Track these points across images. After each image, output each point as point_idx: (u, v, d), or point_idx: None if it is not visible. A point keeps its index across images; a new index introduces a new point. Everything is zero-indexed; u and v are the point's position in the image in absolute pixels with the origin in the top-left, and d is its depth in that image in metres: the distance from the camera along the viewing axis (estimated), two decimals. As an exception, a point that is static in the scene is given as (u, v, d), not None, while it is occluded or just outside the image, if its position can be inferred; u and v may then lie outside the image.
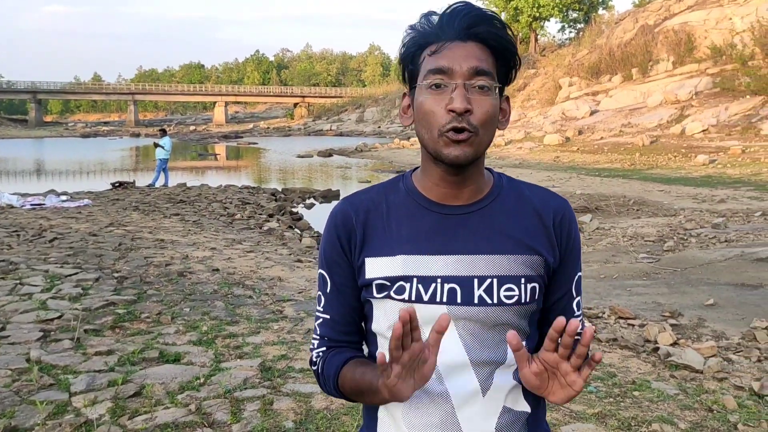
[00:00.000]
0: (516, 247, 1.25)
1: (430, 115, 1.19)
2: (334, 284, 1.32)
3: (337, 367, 1.27)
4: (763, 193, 16.11)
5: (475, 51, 1.18)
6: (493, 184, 1.31)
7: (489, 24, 1.19)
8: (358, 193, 1.36)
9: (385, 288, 1.25)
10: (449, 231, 1.25)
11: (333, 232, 1.31)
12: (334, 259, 1.31)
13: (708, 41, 34.70)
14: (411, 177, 1.33)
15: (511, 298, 1.22)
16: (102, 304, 5.72)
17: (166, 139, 19.10)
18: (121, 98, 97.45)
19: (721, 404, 3.86)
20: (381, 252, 1.26)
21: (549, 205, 1.30)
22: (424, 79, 1.19)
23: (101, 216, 11.94)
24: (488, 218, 1.26)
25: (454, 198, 1.27)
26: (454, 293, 1.22)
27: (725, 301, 6.66)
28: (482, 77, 1.17)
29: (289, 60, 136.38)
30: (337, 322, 1.33)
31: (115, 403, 3.65)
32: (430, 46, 1.20)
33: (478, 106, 1.17)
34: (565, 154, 28.62)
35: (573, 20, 63.84)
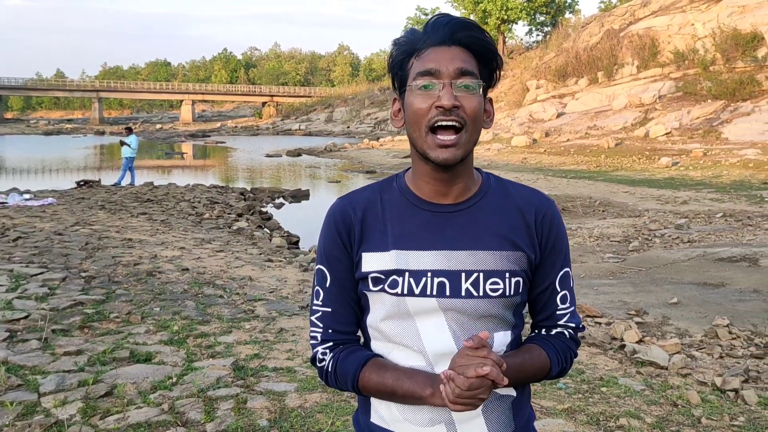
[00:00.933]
0: (501, 243, 1.33)
1: (418, 114, 1.27)
2: (335, 278, 1.39)
3: (356, 368, 1.35)
4: (724, 194, 16.54)
5: (459, 54, 1.27)
6: (481, 183, 1.39)
7: (470, 30, 1.28)
8: (355, 192, 1.43)
9: (380, 281, 1.33)
10: (439, 228, 1.33)
11: (333, 228, 1.38)
12: (335, 254, 1.38)
13: (671, 46, 35.42)
14: (403, 177, 1.41)
15: (496, 291, 1.31)
16: (70, 303, 5.64)
17: (132, 137, 18.84)
18: (85, 95, 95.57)
19: (685, 399, 3.97)
20: (376, 247, 1.34)
21: (532, 204, 1.38)
22: (413, 81, 1.28)
23: (66, 215, 11.73)
24: (475, 216, 1.34)
25: (443, 196, 1.35)
26: (443, 286, 1.30)
27: (688, 300, 6.83)
28: (467, 77, 1.26)
29: (257, 59, 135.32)
30: (338, 313, 1.40)
31: (86, 403, 3.61)
32: (417, 52, 1.29)
33: (465, 102, 1.26)
34: (533, 156, 28.96)
35: (540, 23, 64.59)
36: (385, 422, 1.38)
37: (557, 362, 1.40)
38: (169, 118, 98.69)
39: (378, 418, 1.40)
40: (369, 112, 64.98)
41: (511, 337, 1.38)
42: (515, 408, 1.39)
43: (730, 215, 12.86)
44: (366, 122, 63.10)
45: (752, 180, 19.27)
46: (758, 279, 7.52)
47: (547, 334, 1.45)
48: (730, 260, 8.49)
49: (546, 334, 1.45)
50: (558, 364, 1.41)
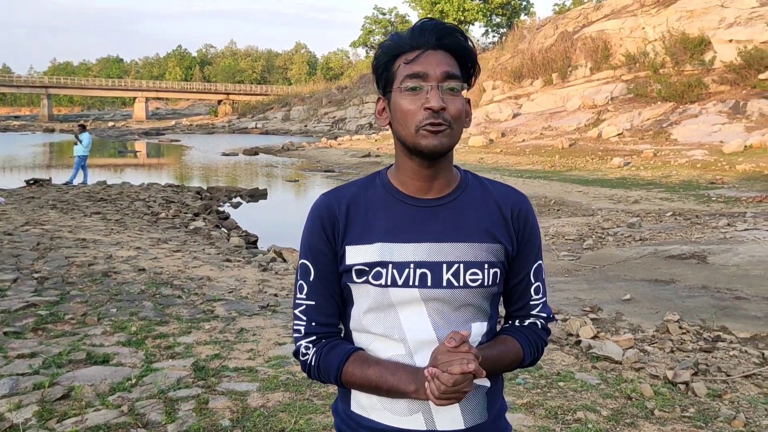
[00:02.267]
0: (480, 236, 1.41)
1: (408, 114, 1.34)
2: (319, 272, 1.44)
3: (339, 362, 1.40)
4: (673, 194, 17.03)
5: (445, 58, 1.35)
6: (460, 179, 1.47)
7: (455, 36, 1.36)
8: (338, 188, 1.48)
9: (363, 273, 1.38)
10: (421, 221, 1.40)
11: (318, 223, 1.43)
12: (319, 248, 1.43)
13: (623, 49, 36.26)
14: (386, 174, 1.47)
15: (475, 282, 1.39)
16: (22, 305, 5.50)
17: (85, 134, 18.41)
18: (33, 92, 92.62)
19: (639, 392, 4.10)
20: (361, 240, 1.39)
21: (509, 200, 1.46)
22: (402, 83, 1.35)
23: (16, 215, 11.40)
24: (456, 210, 1.42)
25: (426, 191, 1.41)
26: (425, 277, 1.37)
27: (640, 296, 7.03)
28: (453, 80, 1.35)
29: (212, 56, 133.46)
30: (322, 306, 1.45)
31: (41, 407, 3.54)
32: (403, 55, 1.36)
33: (451, 104, 1.34)
34: (489, 156, 29.30)
35: (496, 25, 65.39)
36: (365, 410, 1.43)
37: (530, 352, 1.48)
38: (121, 116, 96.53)
39: (357, 406, 1.45)
40: (327, 111, 64.76)
41: (487, 327, 1.44)
42: (489, 398, 1.45)
43: (680, 214, 13.25)
44: (324, 121, 62.88)
45: (700, 180, 19.88)
46: (706, 276, 7.78)
47: (520, 324, 1.52)
48: (680, 258, 8.76)
49: (519, 324, 1.52)
50: (530, 354, 1.48)
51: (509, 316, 1.55)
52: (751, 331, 5.82)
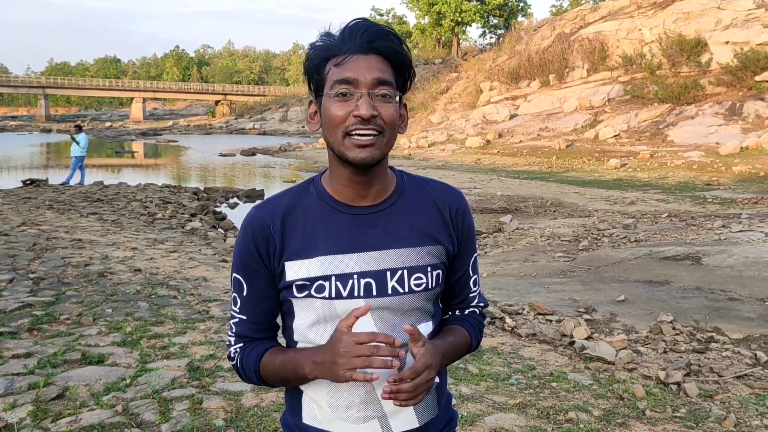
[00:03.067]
0: (421, 239, 1.39)
1: (336, 120, 1.29)
2: (252, 288, 1.40)
3: (256, 358, 1.39)
4: (669, 195, 17.08)
5: (377, 63, 1.29)
6: (396, 183, 1.43)
7: (388, 39, 1.30)
8: (271, 199, 1.43)
9: (305, 288, 1.35)
10: (361, 230, 1.36)
11: (250, 241, 1.37)
12: (252, 266, 1.38)
13: (620, 50, 36.36)
14: (320, 180, 1.42)
15: (420, 286, 1.38)
16: (17, 305, 5.51)
17: (81, 135, 18.42)
18: (30, 92, 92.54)
19: (630, 392, 4.13)
20: (299, 255, 1.34)
21: (446, 199, 1.45)
22: (331, 89, 1.29)
23: (12, 215, 11.41)
24: (394, 215, 1.39)
25: (362, 198, 1.38)
26: (370, 287, 1.34)
27: (635, 297, 7.05)
28: (384, 86, 1.29)
29: (210, 57, 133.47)
30: (253, 322, 1.42)
31: (36, 406, 3.56)
32: (334, 58, 1.30)
33: (383, 110, 1.29)
34: (486, 157, 29.35)
35: (494, 26, 65.53)
36: (318, 422, 1.40)
37: (475, 336, 1.51)
38: (119, 116, 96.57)
39: (311, 418, 1.42)
40: (324, 112, 64.71)
41: (432, 326, 1.44)
42: (438, 392, 1.46)
43: (675, 215, 13.29)
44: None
45: (696, 181, 19.95)
46: (700, 277, 7.81)
47: (461, 314, 1.54)
48: (674, 259, 8.79)
49: (460, 314, 1.54)
50: (475, 339, 1.51)
51: (449, 309, 1.55)
52: (744, 332, 5.85)
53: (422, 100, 48.28)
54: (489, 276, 8.46)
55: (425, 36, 65.15)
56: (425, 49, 64.72)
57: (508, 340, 5.41)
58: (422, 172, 24.84)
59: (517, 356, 4.94)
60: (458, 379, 4.26)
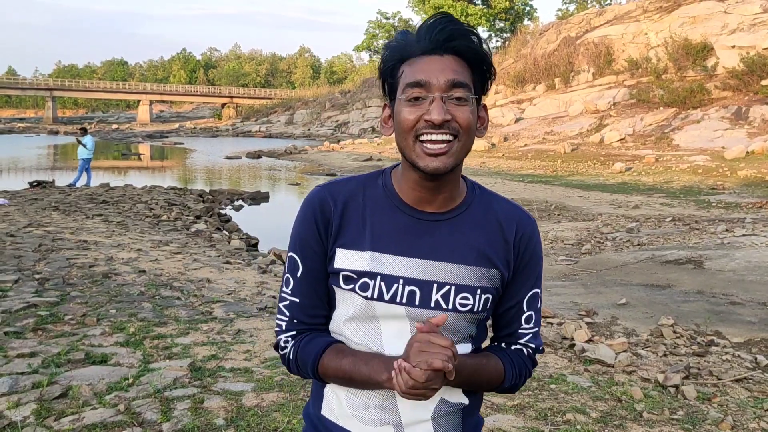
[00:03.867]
0: (476, 258, 1.31)
1: (406, 124, 1.23)
2: (306, 268, 1.35)
3: (316, 353, 1.33)
4: (674, 199, 17.06)
5: (451, 64, 1.23)
6: (466, 194, 1.36)
7: (467, 38, 1.23)
8: (337, 182, 1.38)
9: (351, 281, 1.31)
10: (418, 235, 1.31)
11: (311, 218, 1.33)
12: (310, 244, 1.34)
13: (625, 54, 36.35)
14: (390, 175, 1.37)
15: (465, 306, 1.30)
16: (23, 305, 5.57)
17: (88, 137, 18.51)
18: (38, 94, 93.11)
19: (629, 395, 4.15)
20: (352, 245, 1.31)
21: (513, 221, 1.36)
22: (403, 93, 1.24)
23: (19, 216, 11.49)
24: (456, 228, 1.32)
25: (427, 203, 1.32)
26: (414, 295, 1.29)
27: (636, 301, 7.07)
28: (459, 89, 1.22)
29: (217, 59, 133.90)
30: (306, 305, 1.37)
31: (40, 405, 3.60)
32: (408, 60, 1.24)
33: (458, 114, 1.22)
34: (491, 160, 29.38)
35: (500, 30, 65.51)
36: (335, 416, 1.37)
37: (512, 376, 1.39)
38: (125, 118, 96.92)
39: (329, 411, 1.39)
40: (330, 115, 64.90)
41: (471, 349, 1.38)
42: (465, 415, 1.39)
43: (679, 219, 13.29)
44: (327, 125, 63.02)
45: (701, 185, 19.92)
46: (702, 281, 7.82)
47: (506, 347, 1.43)
48: (677, 263, 8.80)
49: (505, 347, 1.43)
50: (512, 378, 1.39)
51: (495, 339, 1.46)
52: (745, 336, 5.86)
53: (428, 103, 48.24)
54: (491, 279, 8.48)
55: (431, 39, 65.18)
56: (431, 52, 64.75)
57: (509, 343, 5.43)
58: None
59: (517, 358, 4.96)
60: (457, 380, 4.28)
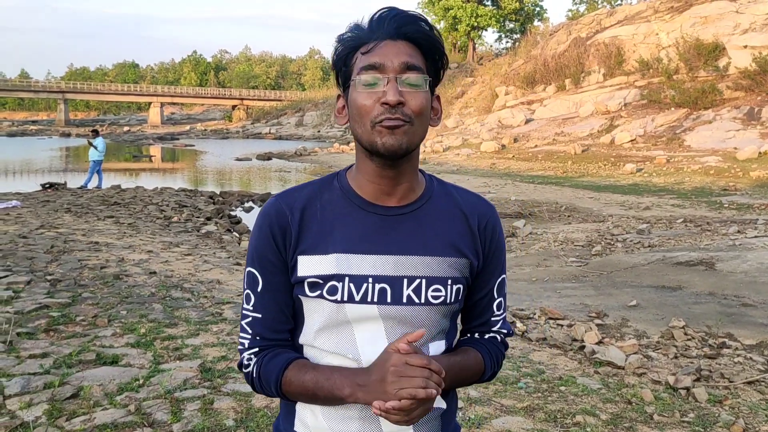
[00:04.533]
0: (444, 249, 1.30)
1: (363, 109, 1.22)
2: (267, 282, 1.31)
3: (278, 370, 1.28)
4: (685, 201, 16.96)
5: (405, 48, 1.23)
6: (426, 185, 1.35)
7: (417, 24, 1.24)
8: (292, 189, 1.36)
9: (317, 286, 1.27)
10: (382, 231, 1.28)
11: (267, 230, 1.30)
12: (268, 257, 1.30)
13: (636, 55, 36.19)
14: (345, 175, 1.35)
15: (437, 299, 1.28)
16: (35, 306, 5.61)
17: (99, 139, 18.64)
18: (50, 96, 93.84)
19: (639, 397, 4.13)
20: (314, 250, 1.28)
21: (476, 210, 1.36)
22: (358, 75, 1.23)
23: (31, 218, 11.59)
24: (420, 220, 1.31)
25: (387, 197, 1.30)
26: (385, 293, 1.26)
27: (647, 302, 7.04)
28: (413, 72, 1.22)
29: (227, 61, 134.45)
30: (268, 320, 1.32)
31: (51, 405, 3.63)
32: (362, 47, 1.25)
33: (411, 99, 1.22)
34: (501, 161, 29.32)
35: (510, 30, 65.42)
36: (309, 430, 1.32)
37: (491, 365, 1.40)
38: (137, 121, 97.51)
39: (302, 426, 1.33)
40: (340, 117, 64.90)
41: (445, 346, 1.36)
42: (444, 421, 1.36)
43: (690, 221, 13.21)
44: (337, 127, 63.05)
45: (713, 186, 19.80)
46: (713, 282, 7.77)
47: (480, 337, 1.43)
48: (688, 264, 8.75)
49: (479, 337, 1.43)
50: (491, 368, 1.40)
51: (468, 331, 1.45)
52: (757, 338, 5.82)
53: (437, 104, 48.22)
54: (501, 280, 8.46)
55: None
56: (441, 53, 64.74)
57: (519, 345, 5.42)
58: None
59: (526, 360, 4.96)
60: (467, 382, 4.28)
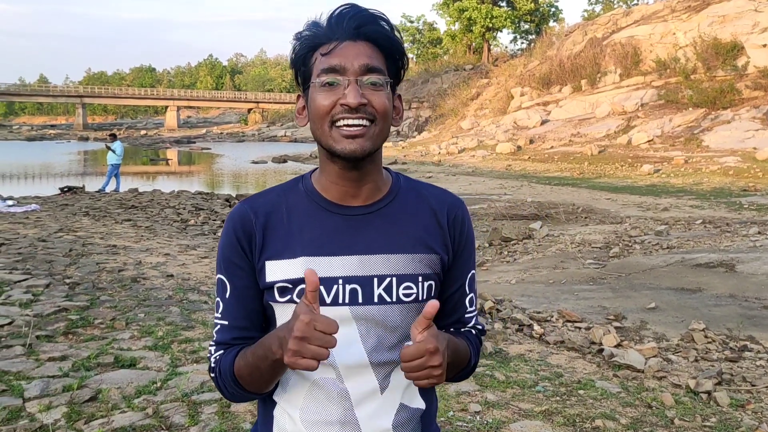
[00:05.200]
0: (414, 246, 1.28)
1: (321, 110, 1.20)
2: (235, 288, 1.29)
3: (231, 360, 1.26)
4: (704, 201, 16.78)
5: (365, 49, 1.21)
6: (392, 183, 1.33)
7: (377, 24, 1.22)
8: (257, 195, 1.34)
9: (287, 291, 1.25)
10: (349, 232, 1.27)
11: (232, 235, 1.28)
12: (235, 262, 1.28)
13: (653, 55, 35.89)
14: (310, 178, 1.34)
15: (409, 297, 1.27)
16: (54, 310, 5.66)
17: (117, 143, 18.80)
18: (68, 101, 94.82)
19: (659, 401, 4.08)
20: (282, 255, 1.26)
21: (444, 205, 1.34)
22: (317, 77, 1.21)
23: (50, 221, 11.70)
24: (388, 218, 1.29)
25: (352, 197, 1.28)
26: (356, 293, 1.24)
27: (666, 305, 6.96)
28: (374, 74, 1.20)
29: (242, 65, 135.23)
30: (236, 327, 1.30)
31: (70, 408, 3.65)
32: (321, 47, 1.22)
33: (374, 98, 1.20)
34: (517, 163, 29.19)
35: (525, 31, 65.13)
36: None
37: (474, 354, 1.38)
38: (153, 124, 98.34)
39: (279, 430, 1.31)
40: (355, 119, 65.00)
41: None
42: (424, 422, 1.34)
43: (710, 222, 13.06)
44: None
45: (732, 187, 19.58)
46: (734, 284, 7.67)
47: (456, 331, 1.40)
48: (708, 266, 8.65)
49: (455, 332, 1.40)
50: (474, 356, 1.38)
51: (441, 328, 1.36)
52: (779, 341, 5.73)
53: (452, 106, 48.23)
54: (518, 283, 8.42)
55: (456, 42, 65.03)
56: (456, 55, 64.60)
57: (536, 347, 5.38)
58: (452, 179, 24.89)
59: (544, 363, 4.91)
60: (484, 385, 4.26)
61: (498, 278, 8.77)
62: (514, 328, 5.97)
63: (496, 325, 5.92)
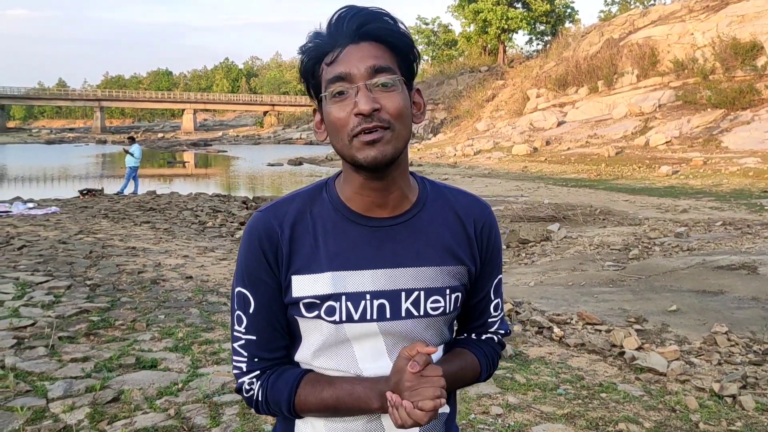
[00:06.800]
0: (442, 258, 1.25)
1: (338, 123, 1.16)
2: (260, 304, 1.25)
3: (290, 391, 1.23)
4: (724, 203, 16.59)
5: (370, 50, 1.15)
6: (419, 192, 1.29)
7: (379, 21, 1.16)
8: (279, 203, 1.28)
9: (314, 307, 1.22)
10: (376, 244, 1.23)
11: (257, 248, 1.23)
12: (260, 276, 1.24)
13: (671, 55, 35.59)
14: (334, 186, 1.28)
15: (436, 310, 1.25)
16: (75, 311, 5.71)
17: (135, 146, 18.95)
18: (87, 104, 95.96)
19: (683, 405, 4.03)
20: (308, 269, 1.22)
21: (472, 213, 1.31)
22: (326, 90, 1.17)
23: (70, 223, 11.81)
24: (415, 230, 1.25)
25: (379, 207, 1.24)
26: (384, 309, 1.22)
27: (687, 307, 6.88)
28: (383, 74, 1.14)
29: (258, 68, 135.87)
30: (264, 341, 1.26)
31: (93, 409, 3.68)
32: (326, 57, 1.17)
33: (387, 102, 1.14)
34: (534, 164, 29.05)
35: (540, 33, 64.81)
36: None
37: (486, 368, 1.37)
38: (170, 127, 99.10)
39: None
40: (370, 121, 65.11)
41: (442, 352, 1.32)
42: (447, 425, 1.34)
43: (730, 223, 12.91)
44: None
45: (752, 188, 19.35)
46: (757, 287, 7.57)
47: (477, 338, 1.40)
48: (729, 268, 8.54)
49: (476, 338, 1.40)
50: (487, 370, 1.37)
51: (464, 331, 1.41)
52: (804, 344, 5.64)
53: (468, 107, 48.16)
54: (536, 285, 8.37)
55: (471, 44, 64.89)
56: (471, 56, 64.52)
57: (556, 350, 5.34)
58: (468, 180, 24.83)
59: (565, 366, 4.88)
60: (505, 388, 4.23)
61: (516, 280, 8.72)
62: (533, 331, 5.94)
63: (515, 327, 5.89)
